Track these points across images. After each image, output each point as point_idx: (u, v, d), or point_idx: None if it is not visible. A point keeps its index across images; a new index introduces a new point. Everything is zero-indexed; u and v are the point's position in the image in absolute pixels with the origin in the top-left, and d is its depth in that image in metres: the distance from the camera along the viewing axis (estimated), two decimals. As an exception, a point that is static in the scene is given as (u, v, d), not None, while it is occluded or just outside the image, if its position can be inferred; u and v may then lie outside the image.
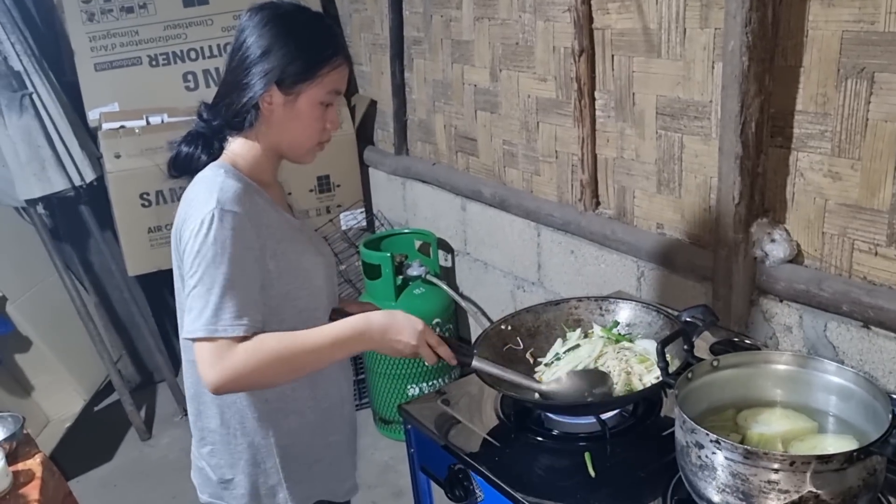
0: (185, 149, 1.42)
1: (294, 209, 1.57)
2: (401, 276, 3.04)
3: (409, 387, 3.04)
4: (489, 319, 3.05)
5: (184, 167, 1.42)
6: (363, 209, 3.59)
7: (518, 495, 1.33)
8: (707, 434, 1.10)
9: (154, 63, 3.38)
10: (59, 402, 3.34)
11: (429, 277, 3.01)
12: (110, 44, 3.34)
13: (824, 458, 1.04)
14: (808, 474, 1.04)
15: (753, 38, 1.74)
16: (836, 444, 1.18)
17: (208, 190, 1.32)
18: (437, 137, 3.20)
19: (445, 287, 2.99)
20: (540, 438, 1.49)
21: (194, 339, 1.28)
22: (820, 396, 1.27)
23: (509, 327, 1.68)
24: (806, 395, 1.28)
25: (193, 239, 1.29)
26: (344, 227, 3.56)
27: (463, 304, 3.00)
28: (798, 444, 1.21)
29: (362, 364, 3.28)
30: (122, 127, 3.19)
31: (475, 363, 1.45)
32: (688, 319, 1.54)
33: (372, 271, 3.01)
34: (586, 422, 1.49)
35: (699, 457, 1.13)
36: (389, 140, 3.51)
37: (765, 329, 1.94)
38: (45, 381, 3.32)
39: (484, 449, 1.49)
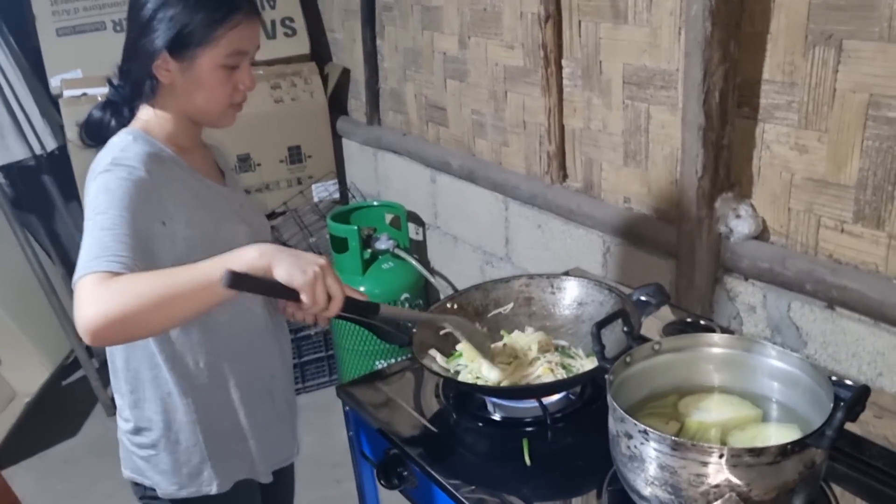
0: (96, 114, 1.35)
1: (227, 174, 1.49)
2: (369, 250, 2.96)
3: (377, 362, 2.98)
4: (459, 295, 2.98)
5: (95, 134, 1.35)
6: (335, 181, 3.51)
7: (448, 483, 1.26)
8: (636, 424, 1.03)
9: (118, 28, 3.27)
10: (26, 376, 3.28)
11: (397, 251, 2.93)
12: (73, 8, 3.23)
13: (756, 452, 0.96)
14: (740, 468, 0.97)
15: (717, 1, 1.64)
16: (778, 433, 1.11)
17: (109, 152, 1.25)
18: (408, 107, 3.10)
19: (414, 262, 2.91)
20: (480, 424, 1.42)
21: (74, 286, 1.12)
22: (764, 382, 1.19)
23: (455, 305, 1.60)
24: (750, 380, 1.21)
25: (89, 196, 1.20)
26: (316, 199, 3.48)
27: (432, 279, 2.93)
28: (738, 434, 1.14)
29: (331, 339, 3.22)
30: (84, 94, 3.09)
31: (382, 310, 1.28)
32: (641, 299, 1.46)
33: (339, 245, 2.93)
34: (529, 405, 1.42)
35: (628, 447, 1.06)
36: (362, 110, 3.41)
37: (728, 308, 1.86)
38: (9, 354, 3.26)
39: (421, 434, 1.42)
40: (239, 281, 1.10)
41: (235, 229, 1.37)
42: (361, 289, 2.82)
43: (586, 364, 1.46)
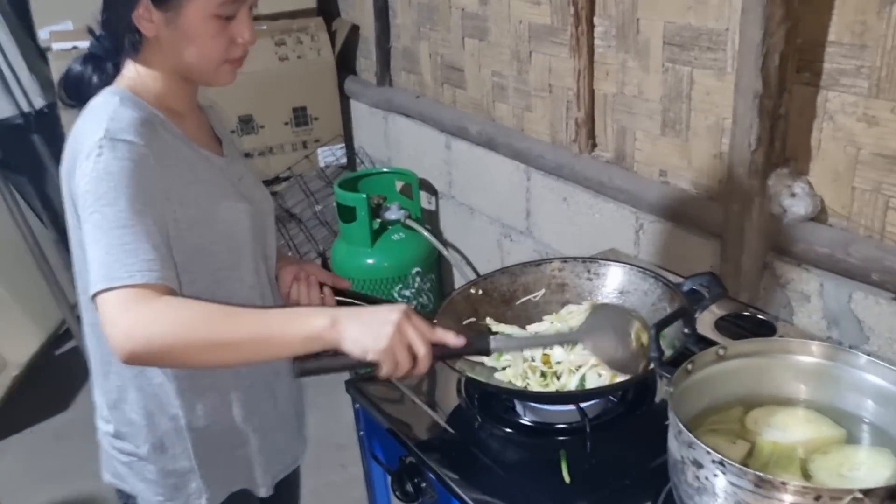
0: (75, 68, 1.16)
1: (225, 141, 1.30)
2: (378, 220, 2.78)
3: (385, 340, 2.81)
4: (475, 271, 2.80)
5: (75, 91, 1.16)
6: (343, 145, 3.31)
7: (474, 501, 1.10)
8: (709, 452, 0.85)
9: (112, -23, 3.05)
10: (16, 345, 3.13)
11: (408, 222, 2.75)
12: (63, -46, 3.01)
13: (863, 493, 0.79)
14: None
15: (783, -50, 1.44)
16: (870, 459, 0.95)
17: (96, 119, 1.06)
18: (421, 67, 2.89)
19: (426, 233, 2.73)
20: (508, 429, 1.25)
21: (94, 295, 1.00)
22: (850, 397, 1.02)
23: (480, 291, 1.42)
24: (833, 394, 1.04)
25: (85, 179, 1.03)
26: (322, 164, 3.29)
27: (445, 252, 2.75)
28: (821, 458, 0.97)
29: (337, 313, 3.05)
30: (74, 48, 2.88)
31: (494, 345, 1.11)
32: (692, 288, 1.28)
33: (347, 213, 2.75)
34: (565, 409, 1.25)
35: (697, 477, 0.89)
36: (372, 69, 3.20)
37: (779, 297, 1.68)
38: (0, 323, 3.10)
39: (441, 439, 1.26)
40: (308, 371, 1.07)
41: (236, 208, 1.19)
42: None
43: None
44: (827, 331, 1.61)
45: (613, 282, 1.41)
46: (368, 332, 1.00)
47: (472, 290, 1.41)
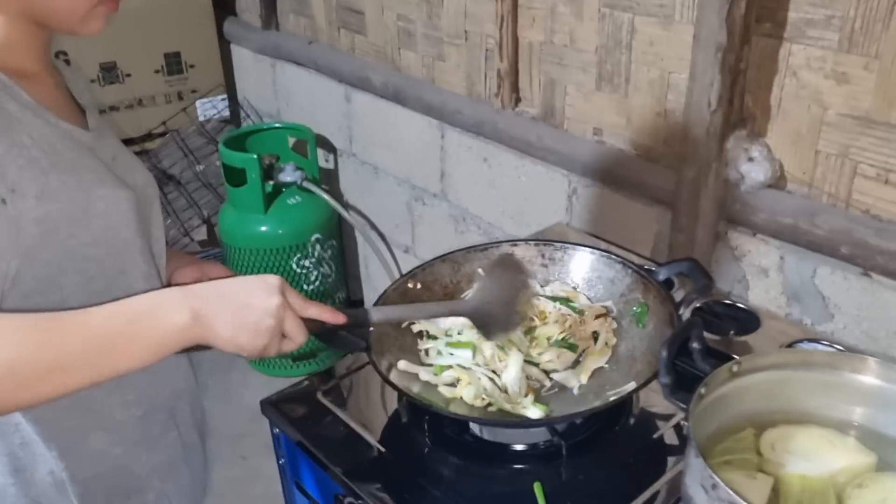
0: None
1: (89, 109, 1.00)
2: (271, 182, 2.48)
3: (284, 315, 2.54)
4: (382, 238, 2.56)
5: None
6: (224, 96, 2.96)
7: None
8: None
9: None
10: None
11: (306, 184, 2.46)
12: None
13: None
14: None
15: None
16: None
17: None
18: (313, 9, 2.57)
19: (326, 196, 2.46)
20: (466, 457, 1.05)
21: None
22: (878, 416, 0.87)
23: (418, 285, 1.20)
24: (858, 411, 0.88)
25: None
26: (201, 119, 2.92)
27: (347, 217, 2.49)
28: (858, 493, 0.82)
29: (227, 286, 2.75)
30: None
31: (375, 316, 0.98)
32: (669, 278, 1.10)
33: (235, 176, 2.44)
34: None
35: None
36: (255, 10, 2.83)
37: (732, 271, 1.55)
38: None
39: (382, 472, 1.04)
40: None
41: (114, 197, 0.91)
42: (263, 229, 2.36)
43: (596, 360, 1.11)
44: (786, 307, 1.49)
45: (573, 268, 1.22)
46: (243, 327, 0.82)
47: (410, 285, 1.19)
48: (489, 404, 1.02)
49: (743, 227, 1.52)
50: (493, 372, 1.06)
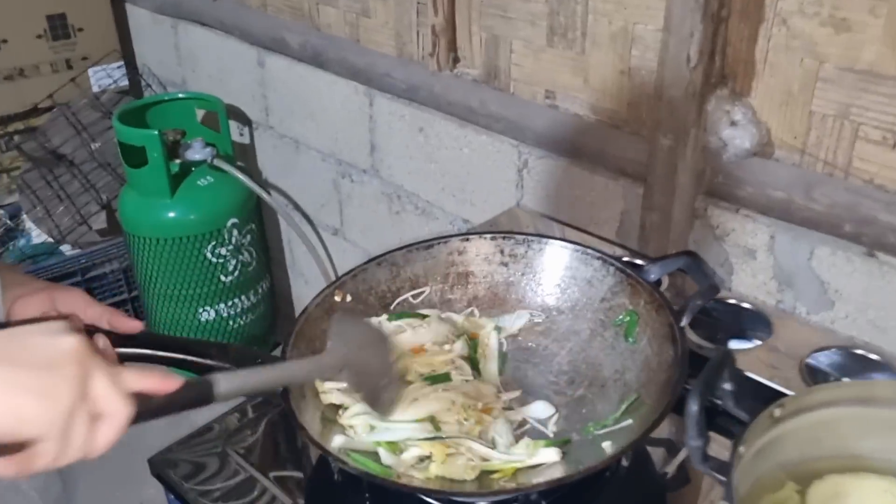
0: None
1: None
2: (177, 162, 2.18)
3: (200, 311, 2.26)
4: (308, 219, 2.29)
5: None
6: (121, 63, 2.61)
7: None
8: None
9: None
10: None
11: (217, 162, 2.17)
12: None
13: None
14: None
15: None
16: None
17: None
18: (217, -40, 2.26)
19: (241, 175, 2.17)
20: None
21: None
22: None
23: (348, 297, 0.95)
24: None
25: None
26: (95, 90, 2.58)
27: (267, 198, 2.20)
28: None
29: (133, 278, 2.45)
30: None
31: (221, 388, 0.70)
32: (659, 279, 0.88)
33: (133, 155, 2.12)
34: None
35: None
36: (151, -36, 2.50)
37: (714, 253, 1.34)
38: None
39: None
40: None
41: None
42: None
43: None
44: (777, 294, 1.29)
45: (540, 266, 0.99)
46: (31, 395, 0.56)
47: (337, 298, 0.95)
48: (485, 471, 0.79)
49: (725, 203, 1.31)
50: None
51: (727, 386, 0.73)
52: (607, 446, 0.78)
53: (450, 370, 0.88)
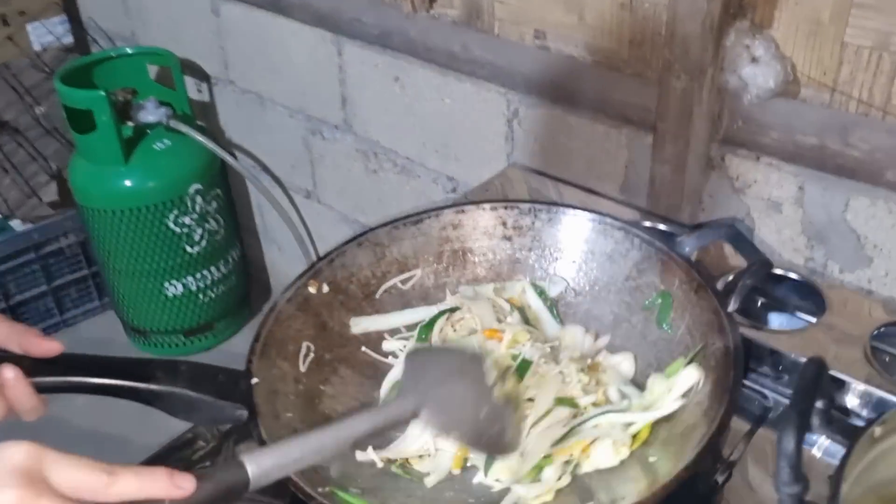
0: None
1: None
2: (130, 124, 2.00)
3: (166, 285, 2.10)
4: (278, 182, 2.12)
5: None
6: (63, 17, 2.38)
7: None
8: None
9: None
10: None
11: (173, 123, 1.98)
12: None
13: None
14: None
15: None
16: None
17: None
18: None
19: (201, 137, 1.98)
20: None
21: None
22: None
23: (324, 288, 0.80)
24: None
25: None
26: (36, 48, 2.35)
27: (231, 160, 2.02)
28: None
29: (91, 254, 2.27)
30: None
31: (254, 470, 0.52)
32: (699, 249, 0.73)
33: (80, 119, 1.93)
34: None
35: None
36: None
37: (732, 207, 1.20)
38: None
39: None
40: None
41: None
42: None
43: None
44: (805, 251, 1.16)
45: (551, 239, 0.84)
46: None
47: (312, 290, 0.79)
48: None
49: (745, 151, 1.17)
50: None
51: (821, 404, 0.58)
52: (654, 461, 0.64)
53: (525, 353, 0.74)
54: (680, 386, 0.67)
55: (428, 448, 0.70)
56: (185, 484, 0.48)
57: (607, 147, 1.32)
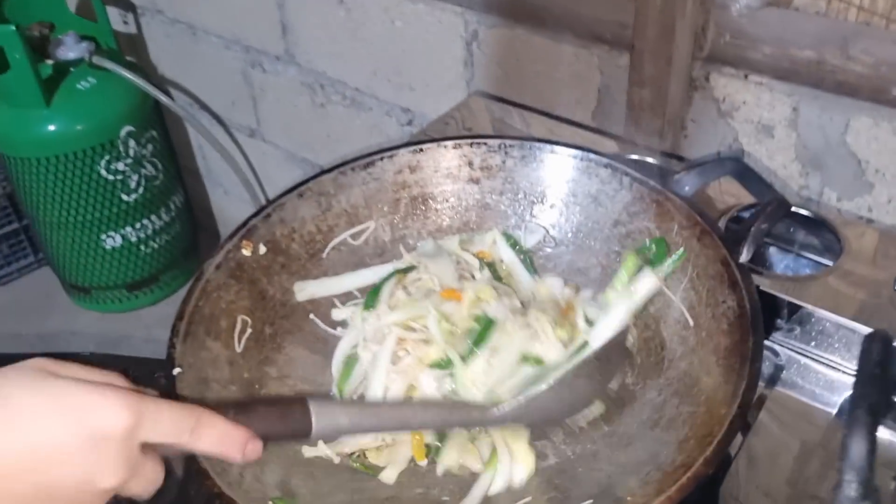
0: None
1: None
2: (49, 62, 1.80)
3: (103, 237, 1.95)
4: (218, 120, 1.95)
5: None
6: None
7: None
8: None
9: None
10: None
11: (97, 60, 1.79)
12: None
13: None
14: None
15: None
16: None
17: None
18: None
19: (129, 73, 1.80)
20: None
21: None
22: None
23: (261, 248, 0.67)
24: None
25: None
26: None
27: (164, 99, 1.84)
28: None
29: (20, 206, 2.10)
30: None
31: (318, 424, 0.52)
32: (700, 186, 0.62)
33: (-8, 59, 1.73)
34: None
35: None
36: None
37: (718, 132, 1.09)
38: None
39: None
40: None
41: None
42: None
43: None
44: (800, 178, 1.05)
45: (526, 181, 0.71)
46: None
47: (246, 252, 0.67)
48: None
49: (732, 69, 1.05)
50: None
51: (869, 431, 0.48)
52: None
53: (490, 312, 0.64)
54: (639, 294, 0.59)
55: (384, 437, 0.59)
56: (254, 455, 0.52)
57: (577, 69, 1.19)
